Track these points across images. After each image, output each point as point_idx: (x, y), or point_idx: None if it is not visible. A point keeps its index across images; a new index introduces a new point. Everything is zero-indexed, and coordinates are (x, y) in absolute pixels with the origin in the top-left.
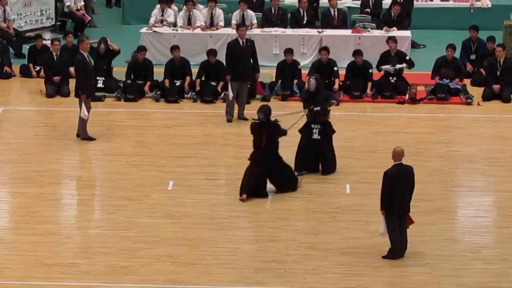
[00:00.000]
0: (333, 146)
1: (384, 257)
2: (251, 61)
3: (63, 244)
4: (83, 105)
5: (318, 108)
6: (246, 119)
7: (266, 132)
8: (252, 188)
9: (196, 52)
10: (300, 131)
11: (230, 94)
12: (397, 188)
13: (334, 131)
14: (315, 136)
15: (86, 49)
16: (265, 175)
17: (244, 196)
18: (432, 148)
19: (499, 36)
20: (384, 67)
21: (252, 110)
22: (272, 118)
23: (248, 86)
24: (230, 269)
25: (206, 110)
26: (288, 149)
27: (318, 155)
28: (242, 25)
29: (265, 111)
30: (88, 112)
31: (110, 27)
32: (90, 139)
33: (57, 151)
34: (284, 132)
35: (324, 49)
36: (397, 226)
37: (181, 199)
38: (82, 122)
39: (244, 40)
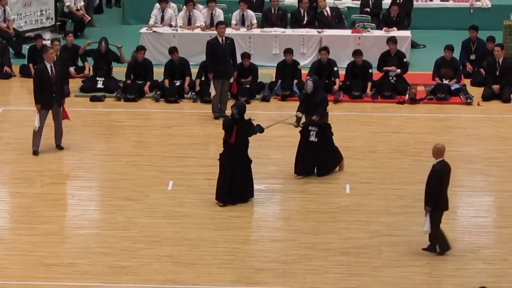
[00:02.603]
0: (333, 148)
1: (424, 249)
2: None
3: (63, 244)
4: (36, 115)
5: (303, 121)
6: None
7: (237, 129)
8: (226, 191)
9: (196, 52)
10: (300, 132)
11: (213, 92)
12: (444, 184)
13: (332, 134)
14: (312, 138)
15: (50, 59)
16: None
17: (221, 204)
18: (432, 148)
19: (499, 36)
20: (386, 68)
21: (251, 110)
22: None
23: (247, 86)
24: (230, 269)
25: (206, 110)
26: (288, 150)
27: (315, 158)
28: (221, 22)
29: (239, 107)
30: (42, 124)
31: (110, 27)
32: (36, 153)
33: (57, 151)
34: (260, 130)
35: (324, 49)
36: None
37: (181, 199)
38: (33, 133)
39: (224, 38)
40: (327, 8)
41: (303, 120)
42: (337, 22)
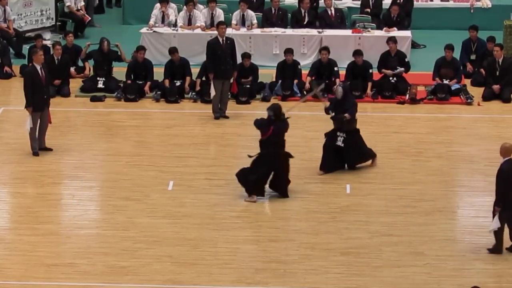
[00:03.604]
0: (362, 150)
1: (490, 250)
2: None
3: (63, 244)
4: (28, 118)
5: (333, 114)
6: (227, 117)
7: (274, 127)
8: (253, 184)
9: (196, 52)
10: (325, 134)
11: (213, 92)
12: (511, 182)
13: (361, 137)
14: (339, 143)
15: (39, 61)
16: (267, 172)
17: (255, 197)
18: (432, 148)
19: (499, 36)
20: (384, 71)
21: (252, 110)
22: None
23: (248, 86)
24: (230, 269)
25: (206, 110)
26: (288, 150)
27: (341, 160)
28: (222, 23)
29: (274, 108)
30: (35, 126)
31: (110, 27)
32: (36, 154)
33: (57, 151)
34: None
35: (324, 49)
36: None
37: (181, 199)
38: (30, 137)
39: (224, 38)
40: (332, 8)
41: (327, 105)
42: (339, 22)
